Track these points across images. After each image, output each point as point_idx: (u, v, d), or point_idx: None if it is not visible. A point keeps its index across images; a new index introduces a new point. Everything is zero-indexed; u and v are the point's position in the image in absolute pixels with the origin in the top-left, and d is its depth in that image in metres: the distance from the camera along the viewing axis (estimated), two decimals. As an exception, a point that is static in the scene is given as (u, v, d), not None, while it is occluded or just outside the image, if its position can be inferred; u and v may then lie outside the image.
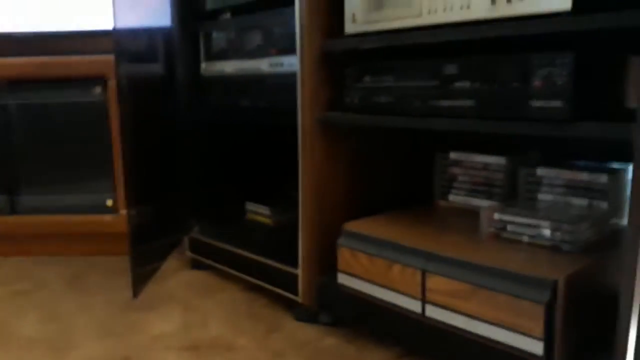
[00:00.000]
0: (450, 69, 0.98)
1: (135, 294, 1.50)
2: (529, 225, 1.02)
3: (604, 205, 1.09)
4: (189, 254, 1.73)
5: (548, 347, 0.85)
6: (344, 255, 1.18)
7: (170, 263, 1.80)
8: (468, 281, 0.95)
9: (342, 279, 1.19)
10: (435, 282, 1.00)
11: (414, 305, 1.04)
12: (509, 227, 1.05)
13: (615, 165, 1.17)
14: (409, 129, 1.35)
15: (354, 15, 1.14)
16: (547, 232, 1.00)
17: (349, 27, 1.16)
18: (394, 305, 1.08)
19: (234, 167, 1.82)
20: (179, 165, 1.75)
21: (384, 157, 1.39)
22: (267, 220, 1.76)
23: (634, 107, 0.99)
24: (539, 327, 0.85)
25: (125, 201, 1.88)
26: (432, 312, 1.01)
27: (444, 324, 1.00)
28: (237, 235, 1.66)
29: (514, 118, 0.89)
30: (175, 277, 1.68)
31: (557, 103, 0.84)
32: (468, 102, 0.96)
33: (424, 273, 1.02)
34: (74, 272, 1.74)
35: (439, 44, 1.01)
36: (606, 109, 0.93)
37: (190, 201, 1.75)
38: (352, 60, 1.20)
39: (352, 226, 1.19)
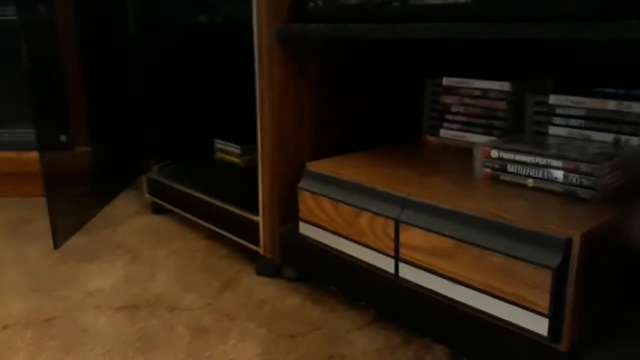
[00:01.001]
0: (440, -48, 0.72)
1: (57, 244, 1.30)
2: (535, 165, 0.79)
3: (634, 141, 0.85)
4: (148, 196, 1.52)
5: (555, 326, 0.64)
6: (306, 201, 0.96)
7: (130, 205, 1.60)
8: (452, 235, 0.73)
9: (304, 229, 0.98)
10: (411, 236, 0.79)
11: (386, 264, 0.83)
12: (510, 168, 0.82)
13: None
14: (390, 43, 1.10)
15: None
16: (559, 174, 0.77)
17: None
18: (363, 263, 0.87)
19: (200, 99, 1.58)
20: (134, 95, 1.52)
21: (361, 83, 1.14)
22: (237, 160, 1.54)
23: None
24: (544, 300, 0.64)
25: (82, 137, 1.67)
26: (406, 272, 0.80)
27: (420, 287, 0.79)
28: (198, 176, 1.45)
29: (523, 18, 0.64)
30: (130, 222, 1.48)
31: (585, -9, 0.59)
32: (461, -2, 0.70)
33: (397, 224, 0.80)
34: (21, 216, 1.54)
35: None
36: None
37: (148, 137, 1.53)
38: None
39: (316, 166, 0.97)
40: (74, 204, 1.46)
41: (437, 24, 0.73)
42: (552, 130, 0.93)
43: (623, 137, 0.86)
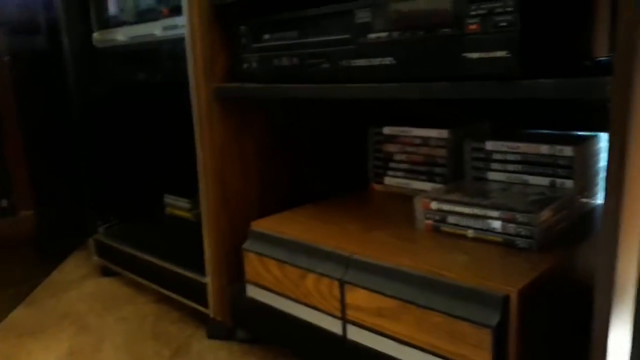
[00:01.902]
0: (363, 15, 0.73)
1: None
2: (474, 216, 0.79)
3: (569, 183, 0.87)
4: (96, 259, 1.47)
5: (498, 385, 0.63)
6: (252, 262, 0.94)
7: (78, 269, 1.54)
8: (394, 295, 0.72)
9: (252, 291, 0.95)
10: (356, 296, 0.77)
11: (334, 325, 0.81)
12: (450, 219, 0.82)
13: (582, 133, 0.95)
14: (328, 99, 1.11)
15: (245, -46, 0.88)
16: (497, 225, 0.77)
17: (242, -29, 0.90)
18: (312, 325, 0.85)
19: (146, 154, 1.55)
20: (78, 155, 1.48)
21: (305, 134, 1.14)
22: (187, 215, 1.51)
23: (603, 60, 0.77)
24: (485, 359, 0.63)
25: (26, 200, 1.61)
26: (354, 333, 0.79)
27: (368, 348, 0.77)
28: (146, 236, 1.41)
29: (445, 77, 0.65)
30: (78, 287, 1.42)
31: (500, 53, 0.60)
32: (387, 60, 0.71)
33: (342, 284, 0.79)
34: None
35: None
36: (567, 60, 0.70)
37: (94, 197, 1.48)
38: (253, 16, 0.94)
39: (261, 225, 0.95)
40: (16, 273, 1.40)
41: (364, 85, 0.73)
42: (491, 175, 0.94)
43: (558, 181, 0.87)
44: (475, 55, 0.62)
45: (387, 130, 1.09)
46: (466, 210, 0.80)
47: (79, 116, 1.44)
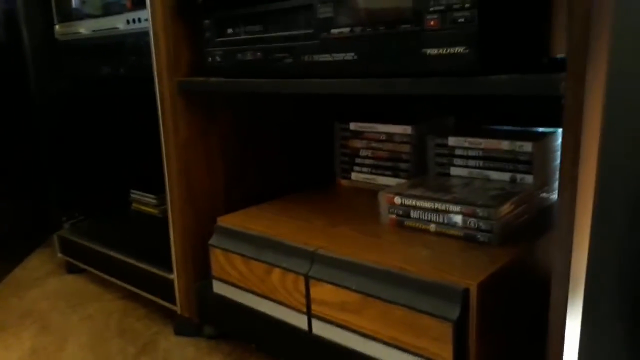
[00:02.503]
0: (325, 10, 0.73)
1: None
2: (436, 210, 0.80)
3: (529, 178, 0.89)
4: (60, 255, 1.44)
5: (458, 376, 0.64)
6: (218, 258, 0.93)
7: (42, 266, 1.51)
8: (358, 290, 0.73)
9: (218, 287, 0.95)
10: (321, 291, 0.78)
11: (299, 320, 0.82)
12: (413, 213, 0.83)
13: (542, 130, 0.97)
14: (292, 93, 1.11)
15: (209, -53, 0.87)
16: (458, 219, 0.78)
17: (205, -36, 0.89)
18: (278, 320, 0.85)
19: (112, 149, 1.52)
20: (41, 150, 1.44)
21: (272, 129, 1.14)
22: (153, 211, 1.49)
23: (560, 57, 0.78)
24: (447, 352, 0.64)
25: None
26: (319, 328, 0.79)
27: (333, 343, 0.77)
28: (112, 232, 1.39)
29: (405, 73, 0.66)
30: (41, 285, 1.39)
31: (459, 49, 0.61)
32: (349, 55, 0.71)
33: (307, 279, 0.79)
34: None
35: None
36: (525, 56, 0.71)
37: (58, 192, 1.45)
38: (217, 9, 0.93)
39: (226, 221, 0.94)
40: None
41: (327, 80, 0.73)
42: (454, 170, 0.95)
43: (519, 176, 0.89)
44: (434, 51, 0.63)
45: (353, 126, 1.10)
46: (428, 205, 0.81)
47: (41, 110, 1.41)
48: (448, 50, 0.61)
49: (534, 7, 0.73)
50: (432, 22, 0.62)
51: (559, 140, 0.94)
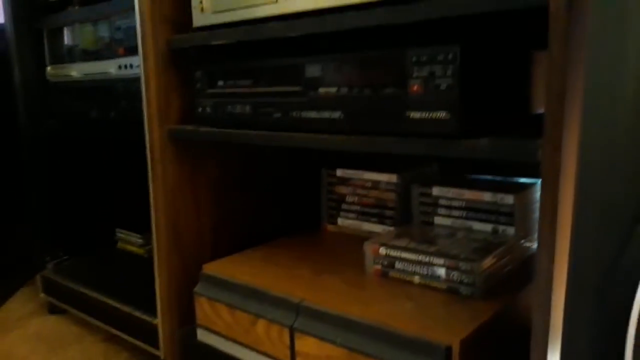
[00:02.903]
0: (313, 70, 0.76)
1: None
2: (420, 263, 0.82)
3: (511, 230, 0.91)
4: (43, 296, 1.42)
5: None
6: (203, 306, 0.93)
7: (24, 307, 1.49)
8: (343, 344, 0.73)
9: (202, 335, 0.95)
10: (306, 344, 0.78)
11: (284, 373, 0.82)
12: (398, 264, 0.84)
13: (524, 180, 0.99)
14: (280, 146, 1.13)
15: (201, 2, 0.90)
16: (442, 272, 0.80)
17: (198, 19, 0.91)
18: (262, 370, 0.85)
19: (98, 188, 1.52)
20: (27, 188, 1.44)
21: (259, 175, 1.15)
22: (139, 250, 1.49)
23: (539, 114, 0.81)
24: (429, 409, 0.65)
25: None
26: (304, 381, 0.79)
27: (318, 397, 0.78)
28: (96, 272, 1.38)
29: (390, 133, 0.68)
30: (23, 326, 1.37)
31: (441, 114, 0.63)
32: (336, 114, 0.74)
33: (292, 331, 0.80)
34: None
35: (303, 39, 0.79)
36: (506, 118, 0.74)
37: (43, 231, 1.44)
38: (208, 61, 0.95)
39: (212, 269, 0.95)
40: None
41: (314, 135, 0.76)
42: (438, 220, 0.97)
43: (501, 227, 0.91)
44: (417, 114, 0.65)
45: (339, 172, 1.12)
46: (413, 256, 0.82)
47: (28, 149, 1.41)
48: (430, 115, 0.64)
49: (514, 69, 0.76)
50: (415, 88, 0.65)
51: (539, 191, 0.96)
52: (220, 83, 0.90)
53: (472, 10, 0.60)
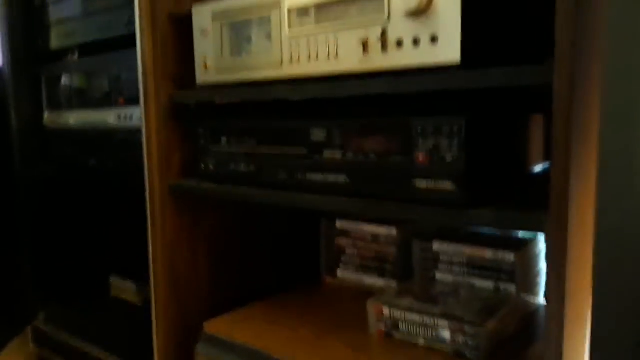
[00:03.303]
0: (318, 134, 0.76)
1: None
2: (424, 325, 0.81)
3: (512, 287, 0.91)
4: (33, 347, 1.39)
5: None
6: (203, 366, 0.92)
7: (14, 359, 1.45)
8: (348, 413, 0.72)
9: (202, 396, 0.93)
10: (310, 411, 0.77)
11: None
12: (402, 326, 0.84)
13: (523, 235, 1.00)
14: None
15: (205, 61, 0.91)
16: (446, 335, 0.79)
17: (201, 76, 0.92)
18: None
19: (93, 236, 1.50)
20: (20, 236, 1.42)
21: (259, 229, 1.15)
22: (134, 299, 1.46)
23: (536, 174, 0.83)
24: None
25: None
26: None
27: None
28: (88, 324, 1.35)
29: (395, 199, 0.69)
30: (11, 379, 1.33)
31: (446, 185, 0.64)
32: (341, 178, 0.74)
33: (295, 397, 0.78)
34: None
35: (307, 102, 0.80)
36: (508, 181, 0.75)
37: (35, 282, 1.42)
38: (210, 117, 0.96)
39: (213, 328, 0.94)
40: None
41: (318, 197, 0.76)
42: (439, 275, 0.97)
43: (502, 285, 0.91)
44: (423, 183, 0.66)
45: (339, 224, 1.12)
46: (417, 318, 0.82)
47: (22, 195, 1.40)
48: (436, 185, 0.65)
49: (514, 134, 0.77)
50: (421, 158, 0.65)
51: (539, 246, 0.97)
52: (224, 140, 0.90)
53: (477, 85, 0.61)
